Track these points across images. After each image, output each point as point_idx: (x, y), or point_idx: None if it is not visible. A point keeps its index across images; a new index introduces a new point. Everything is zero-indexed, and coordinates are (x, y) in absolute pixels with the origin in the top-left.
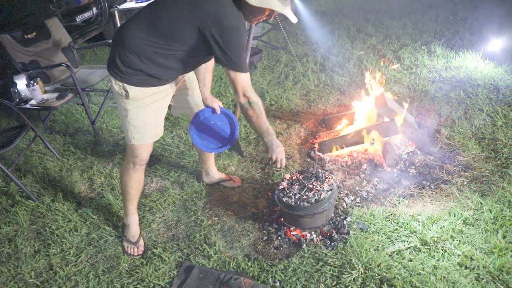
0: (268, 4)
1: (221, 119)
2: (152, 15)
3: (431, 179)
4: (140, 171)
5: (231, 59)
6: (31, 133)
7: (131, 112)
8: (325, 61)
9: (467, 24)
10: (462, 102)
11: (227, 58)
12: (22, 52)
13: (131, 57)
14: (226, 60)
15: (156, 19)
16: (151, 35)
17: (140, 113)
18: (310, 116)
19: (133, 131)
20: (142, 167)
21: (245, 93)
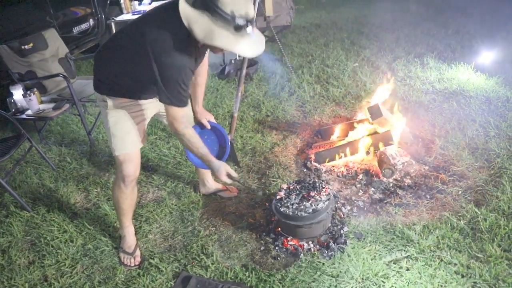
0: (213, 39)
1: (212, 134)
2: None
3: (427, 188)
4: (131, 187)
5: (165, 93)
6: (27, 143)
7: (111, 121)
8: (320, 72)
9: (459, 37)
10: (455, 113)
11: (161, 90)
12: (19, 63)
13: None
14: (160, 91)
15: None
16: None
17: (119, 121)
18: (306, 127)
19: (113, 140)
20: (133, 182)
21: (173, 124)
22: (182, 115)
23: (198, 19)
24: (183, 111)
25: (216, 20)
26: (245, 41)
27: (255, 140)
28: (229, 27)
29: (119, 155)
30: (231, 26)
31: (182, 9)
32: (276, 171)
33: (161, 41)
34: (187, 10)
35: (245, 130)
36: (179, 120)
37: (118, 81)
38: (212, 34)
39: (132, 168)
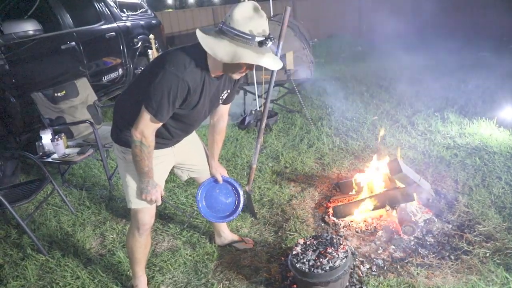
0: (239, 58)
1: (225, 187)
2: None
3: (451, 248)
4: (145, 236)
5: (149, 95)
6: (49, 185)
7: (129, 175)
8: (340, 125)
9: (479, 91)
10: (479, 169)
11: (147, 91)
12: (51, 109)
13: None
14: (146, 93)
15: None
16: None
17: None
18: (324, 180)
19: (131, 194)
20: (147, 231)
21: (143, 132)
22: (154, 128)
23: (219, 44)
24: (157, 124)
25: (237, 42)
26: (268, 56)
27: (273, 191)
28: (251, 46)
29: (135, 208)
30: (252, 44)
31: (201, 37)
32: (293, 224)
33: (175, 57)
34: (206, 38)
35: (263, 181)
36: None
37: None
38: (237, 53)
39: (148, 217)
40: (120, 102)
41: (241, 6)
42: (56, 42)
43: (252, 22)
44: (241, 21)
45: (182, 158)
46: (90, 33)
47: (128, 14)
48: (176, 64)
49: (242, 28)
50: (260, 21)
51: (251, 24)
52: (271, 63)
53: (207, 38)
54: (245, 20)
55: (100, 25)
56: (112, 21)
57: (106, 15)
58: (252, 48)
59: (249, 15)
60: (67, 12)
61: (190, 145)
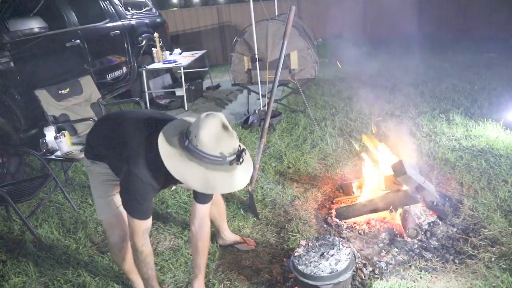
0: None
1: None
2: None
3: (455, 252)
4: (125, 252)
5: (127, 202)
6: (52, 182)
7: (94, 186)
8: (343, 125)
9: (485, 93)
10: (485, 172)
11: (123, 199)
12: (55, 106)
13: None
14: (123, 200)
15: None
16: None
17: (100, 187)
18: (327, 181)
19: (97, 205)
20: (124, 249)
21: (132, 237)
22: (144, 230)
23: (188, 170)
24: (144, 224)
25: (206, 165)
26: (238, 169)
27: (276, 192)
28: (223, 167)
29: (102, 220)
30: (224, 165)
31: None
32: (296, 225)
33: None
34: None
35: (266, 181)
36: (140, 235)
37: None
38: (209, 182)
39: (117, 234)
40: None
41: (208, 125)
42: (61, 40)
43: (222, 142)
44: (210, 143)
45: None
46: (94, 31)
47: (133, 12)
48: (142, 168)
49: (212, 151)
50: (230, 141)
51: (222, 145)
52: (242, 181)
53: (173, 161)
54: (214, 141)
55: (105, 23)
56: (117, 19)
57: (111, 13)
58: (223, 168)
59: (218, 135)
60: (72, 10)
61: None
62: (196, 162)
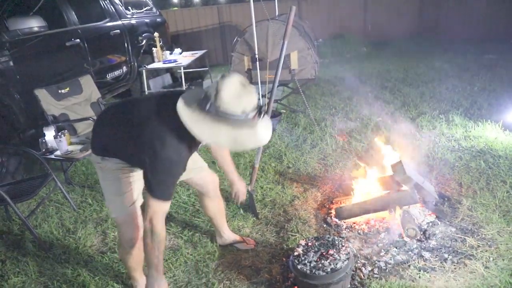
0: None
1: None
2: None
3: (454, 252)
4: (136, 248)
5: (151, 184)
6: (52, 182)
7: (106, 184)
8: (343, 126)
9: (485, 94)
10: (483, 172)
11: (148, 181)
12: (54, 106)
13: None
14: (147, 182)
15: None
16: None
17: (114, 185)
18: (327, 181)
19: (109, 203)
20: (136, 244)
21: (152, 219)
22: (164, 212)
23: (217, 132)
24: (166, 206)
25: (232, 124)
26: (260, 125)
27: (275, 192)
28: (246, 124)
29: (116, 218)
30: (247, 122)
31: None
32: (295, 225)
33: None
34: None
35: (266, 181)
36: (161, 216)
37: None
38: (237, 140)
39: (130, 231)
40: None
41: (227, 85)
42: (60, 39)
43: (243, 99)
44: (232, 102)
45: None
46: (94, 30)
47: (133, 11)
48: (168, 146)
49: (235, 109)
50: (250, 97)
51: (243, 102)
52: (266, 135)
53: (199, 126)
54: (235, 100)
55: (105, 22)
56: (117, 19)
57: (111, 12)
58: (248, 124)
59: (238, 93)
60: (72, 9)
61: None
62: (221, 122)
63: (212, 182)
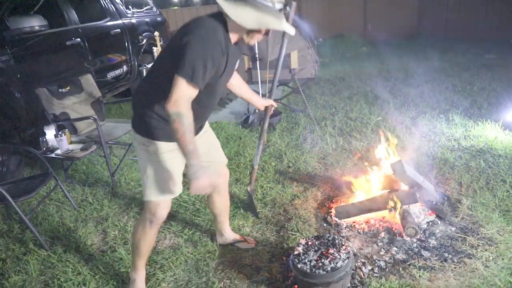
0: (266, 24)
1: None
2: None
3: (454, 251)
4: (155, 229)
5: (181, 61)
6: (52, 181)
7: (150, 166)
8: (343, 125)
9: (485, 94)
10: (483, 172)
11: (178, 58)
12: (55, 104)
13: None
14: (177, 60)
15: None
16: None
17: (159, 168)
18: (327, 180)
19: (151, 186)
20: (159, 225)
21: (177, 102)
22: (189, 97)
23: (244, 12)
24: (193, 92)
25: (260, 10)
26: (284, 22)
27: (276, 191)
28: (272, 13)
29: (155, 201)
30: (273, 11)
31: (225, 5)
32: (295, 224)
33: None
34: (230, 6)
35: (266, 180)
36: (185, 100)
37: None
38: (262, 20)
39: (164, 212)
40: (140, 88)
41: None
42: (61, 38)
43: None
44: None
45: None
46: (95, 29)
47: (134, 11)
48: (206, 28)
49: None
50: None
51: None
52: (290, 29)
53: (230, 6)
54: None
55: (105, 21)
56: (118, 18)
57: (111, 11)
58: (274, 14)
59: None
60: (72, 8)
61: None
62: (250, 7)
63: (225, 176)
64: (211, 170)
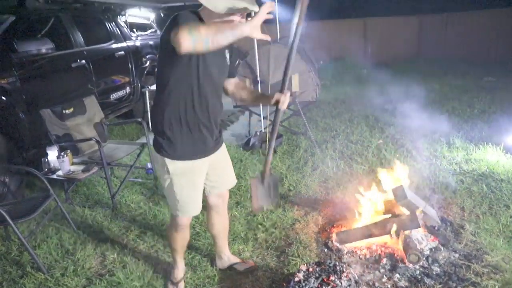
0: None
1: None
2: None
3: (458, 279)
4: (182, 232)
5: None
6: (52, 202)
7: (174, 187)
8: (344, 148)
9: (485, 117)
10: (486, 196)
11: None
12: (58, 126)
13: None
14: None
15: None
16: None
17: (184, 188)
18: (328, 204)
19: (177, 204)
20: (184, 229)
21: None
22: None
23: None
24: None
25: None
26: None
27: (276, 214)
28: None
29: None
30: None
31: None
32: (296, 249)
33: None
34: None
35: None
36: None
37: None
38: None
39: (186, 222)
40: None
41: None
42: (67, 60)
43: None
44: None
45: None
46: (100, 51)
47: (138, 34)
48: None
49: None
50: None
51: None
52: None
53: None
54: None
55: (110, 44)
56: (122, 41)
57: (116, 34)
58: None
59: None
60: (79, 31)
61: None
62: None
63: (224, 196)
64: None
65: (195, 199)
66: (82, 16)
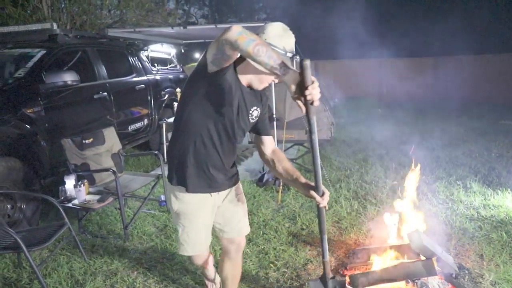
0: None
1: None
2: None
3: None
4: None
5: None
6: (66, 230)
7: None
8: (358, 188)
9: (503, 161)
10: (506, 245)
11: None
12: (77, 155)
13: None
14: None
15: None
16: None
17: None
18: (341, 245)
19: (183, 243)
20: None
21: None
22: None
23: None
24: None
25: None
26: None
27: (288, 254)
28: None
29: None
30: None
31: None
32: None
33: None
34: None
35: (279, 242)
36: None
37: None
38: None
39: (201, 261)
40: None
41: (273, 25)
42: (89, 92)
43: (284, 39)
44: (275, 37)
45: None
46: (121, 84)
47: (158, 68)
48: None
49: (277, 43)
50: (290, 40)
51: (283, 41)
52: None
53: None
54: (278, 37)
55: (131, 77)
56: (143, 74)
57: (138, 68)
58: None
59: (281, 33)
60: (103, 64)
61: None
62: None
63: (238, 244)
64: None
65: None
66: (107, 50)
